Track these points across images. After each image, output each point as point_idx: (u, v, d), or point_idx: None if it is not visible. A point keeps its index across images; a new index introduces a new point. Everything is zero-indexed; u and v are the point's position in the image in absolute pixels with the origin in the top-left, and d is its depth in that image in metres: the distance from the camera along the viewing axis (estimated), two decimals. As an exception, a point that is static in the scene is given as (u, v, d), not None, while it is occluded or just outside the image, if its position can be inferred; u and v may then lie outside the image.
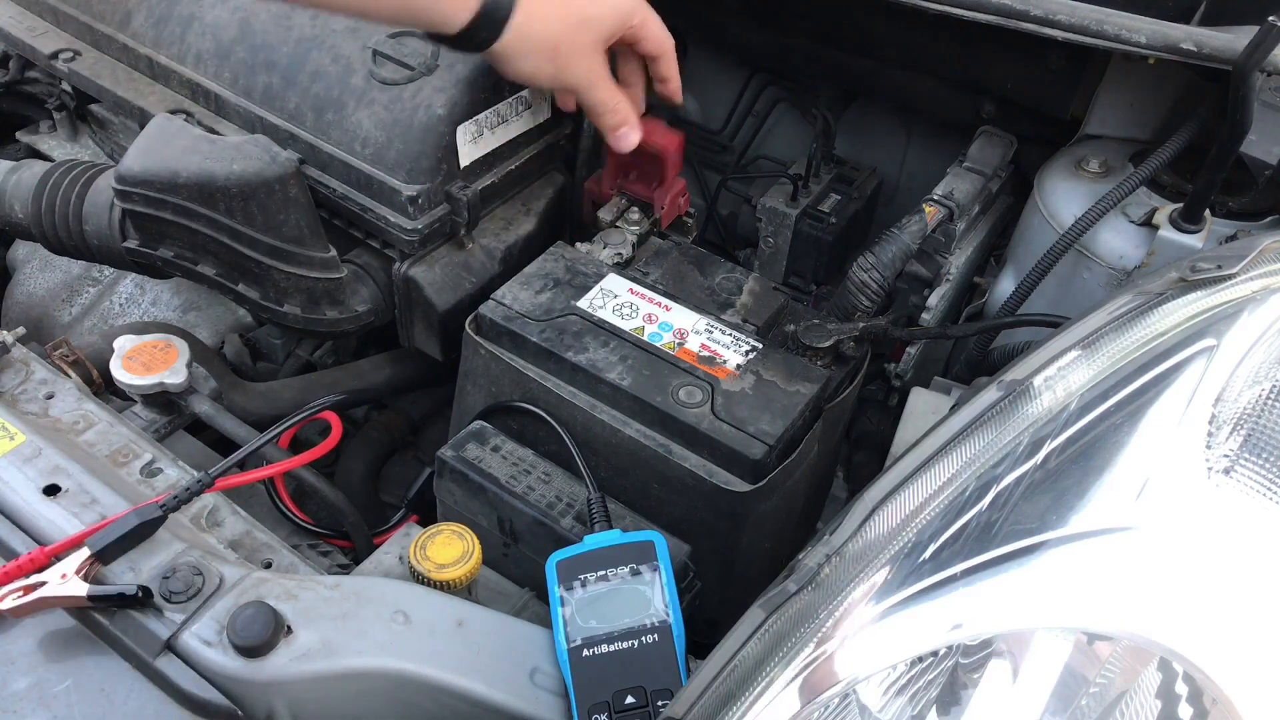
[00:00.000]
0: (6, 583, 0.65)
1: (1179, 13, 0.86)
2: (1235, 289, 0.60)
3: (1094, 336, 0.60)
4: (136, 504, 0.70)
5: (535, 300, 0.86)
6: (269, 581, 0.68)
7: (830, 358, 0.84)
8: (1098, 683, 0.53)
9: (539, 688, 0.68)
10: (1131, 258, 0.88)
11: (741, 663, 0.52)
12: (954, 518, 0.53)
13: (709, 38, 1.23)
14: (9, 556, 0.72)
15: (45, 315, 1.15)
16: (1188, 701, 0.51)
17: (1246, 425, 0.54)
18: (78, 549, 0.67)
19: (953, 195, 0.98)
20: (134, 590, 0.65)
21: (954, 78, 1.05)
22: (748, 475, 0.76)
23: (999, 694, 0.53)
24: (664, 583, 0.71)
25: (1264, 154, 0.85)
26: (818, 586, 0.53)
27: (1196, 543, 0.52)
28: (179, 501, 0.70)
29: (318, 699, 0.65)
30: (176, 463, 0.82)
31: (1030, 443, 0.55)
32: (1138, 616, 0.50)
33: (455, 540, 0.73)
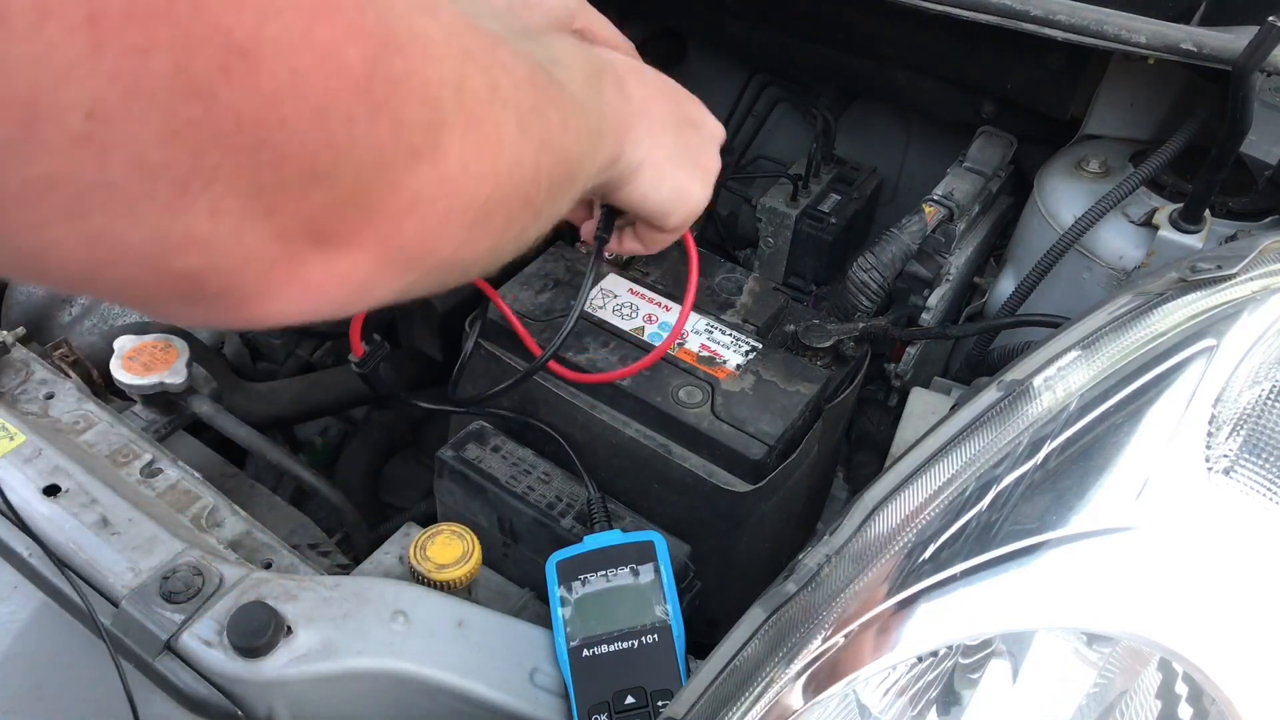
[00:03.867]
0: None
1: (1179, 13, 0.86)
2: (1235, 289, 0.60)
3: (1094, 336, 0.60)
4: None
5: (535, 300, 0.86)
6: (269, 581, 0.68)
7: (830, 358, 0.84)
8: (1098, 683, 0.53)
9: (539, 688, 0.68)
10: (1131, 258, 0.88)
11: (741, 663, 0.52)
12: (954, 518, 0.53)
13: (709, 38, 1.23)
14: (9, 557, 0.72)
15: (45, 315, 1.15)
16: (1188, 701, 0.51)
17: (1246, 425, 0.54)
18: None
19: (953, 195, 0.98)
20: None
21: (954, 78, 1.05)
22: (748, 475, 0.76)
23: (999, 694, 0.54)
24: (664, 583, 0.71)
25: (1264, 154, 0.85)
26: (818, 586, 0.53)
27: (1196, 543, 0.52)
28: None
29: (318, 699, 0.65)
30: (176, 463, 0.82)
31: (1030, 443, 0.55)
32: (1138, 616, 0.50)
33: (455, 540, 0.73)
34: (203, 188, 0.29)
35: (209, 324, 0.35)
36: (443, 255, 0.40)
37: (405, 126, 0.34)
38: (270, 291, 0.34)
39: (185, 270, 0.31)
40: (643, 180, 0.65)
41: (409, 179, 0.35)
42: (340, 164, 0.31)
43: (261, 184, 0.30)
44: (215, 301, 0.33)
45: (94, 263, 0.29)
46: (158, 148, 0.27)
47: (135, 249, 0.29)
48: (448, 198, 0.37)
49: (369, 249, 0.35)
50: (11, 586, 0.75)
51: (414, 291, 0.41)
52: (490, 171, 0.40)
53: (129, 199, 0.28)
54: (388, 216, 0.35)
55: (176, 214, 0.29)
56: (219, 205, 0.29)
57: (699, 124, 0.72)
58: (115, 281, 0.31)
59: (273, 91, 0.28)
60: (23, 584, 0.74)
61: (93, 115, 0.25)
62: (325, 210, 0.32)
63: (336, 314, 0.37)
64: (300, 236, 0.32)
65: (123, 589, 0.68)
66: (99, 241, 0.29)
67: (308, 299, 0.35)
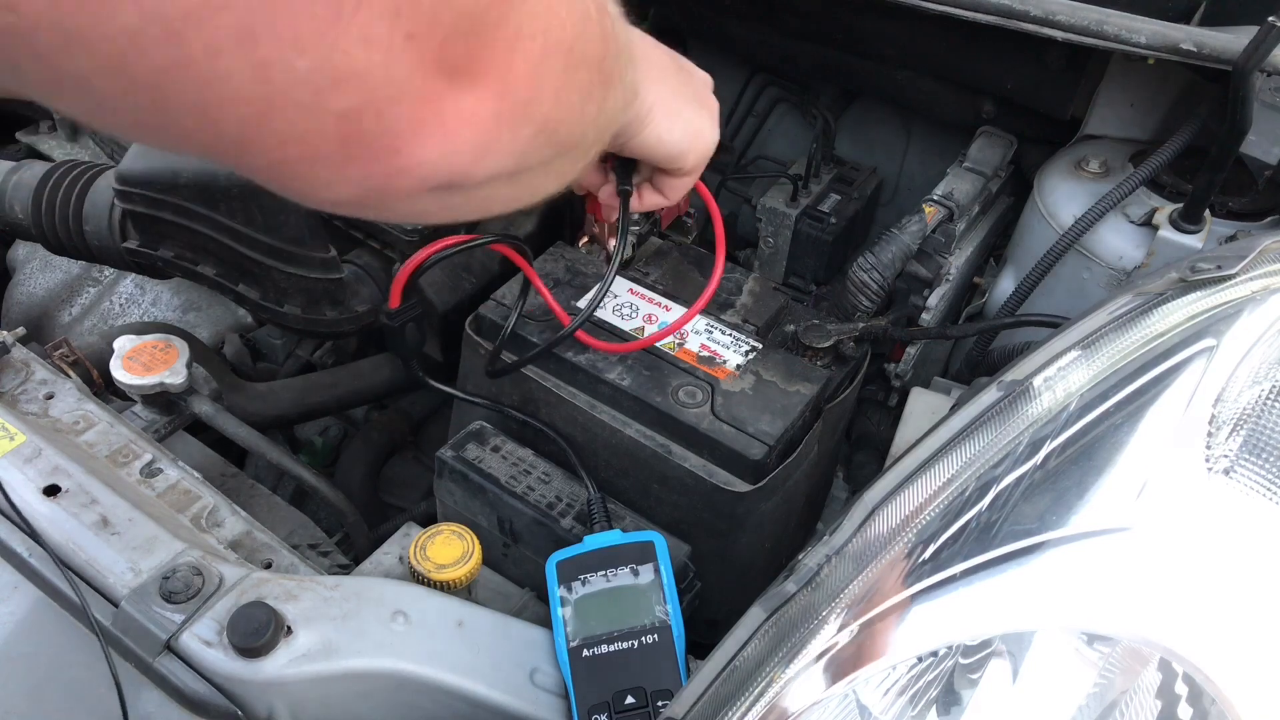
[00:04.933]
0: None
1: (1179, 13, 0.86)
2: (1235, 289, 0.60)
3: (1094, 337, 0.60)
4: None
5: (535, 300, 0.86)
6: (269, 581, 0.68)
7: (830, 358, 0.84)
8: (1098, 683, 0.53)
9: (539, 688, 0.68)
10: (1131, 258, 0.88)
11: (741, 663, 0.52)
12: (954, 518, 0.53)
13: (709, 37, 1.23)
14: (9, 557, 0.72)
15: (45, 315, 1.15)
16: (1188, 701, 0.51)
17: (1246, 425, 0.54)
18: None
19: (953, 195, 0.98)
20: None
21: (954, 78, 1.05)
22: (748, 475, 0.76)
23: (999, 694, 0.53)
24: (664, 583, 0.71)
25: (1264, 154, 0.85)
26: (818, 586, 0.53)
27: (1196, 543, 0.52)
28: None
29: (318, 699, 0.65)
30: (176, 463, 0.82)
31: (1030, 443, 0.55)
32: (1138, 616, 0.50)
33: (455, 540, 0.73)
34: (355, 8, 0.31)
35: (361, 186, 0.36)
36: (546, 103, 0.42)
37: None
38: (419, 132, 0.36)
39: (343, 109, 0.33)
40: (656, 122, 0.66)
41: (511, 10, 0.37)
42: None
43: (399, 5, 0.32)
44: (371, 147, 0.35)
45: (262, 100, 0.31)
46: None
47: (299, 82, 0.31)
48: (543, 34, 0.40)
49: (489, 85, 0.38)
50: (11, 586, 0.75)
51: (527, 159, 0.43)
52: (569, 15, 0.42)
53: (292, 19, 0.30)
54: (500, 49, 0.37)
55: (335, 41, 0.31)
56: (369, 31, 0.31)
57: (691, 71, 0.74)
58: (280, 129, 0.33)
59: None
60: (23, 584, 0.74)
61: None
62: (453, 37, 0.35)
63: (469, 168, 0.39)
64: (435, 68, 0.35)
65: (123, 589, 0.68)
66: (267, 72, 0.30)
67: (447, 141, 0.37)
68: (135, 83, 0.30)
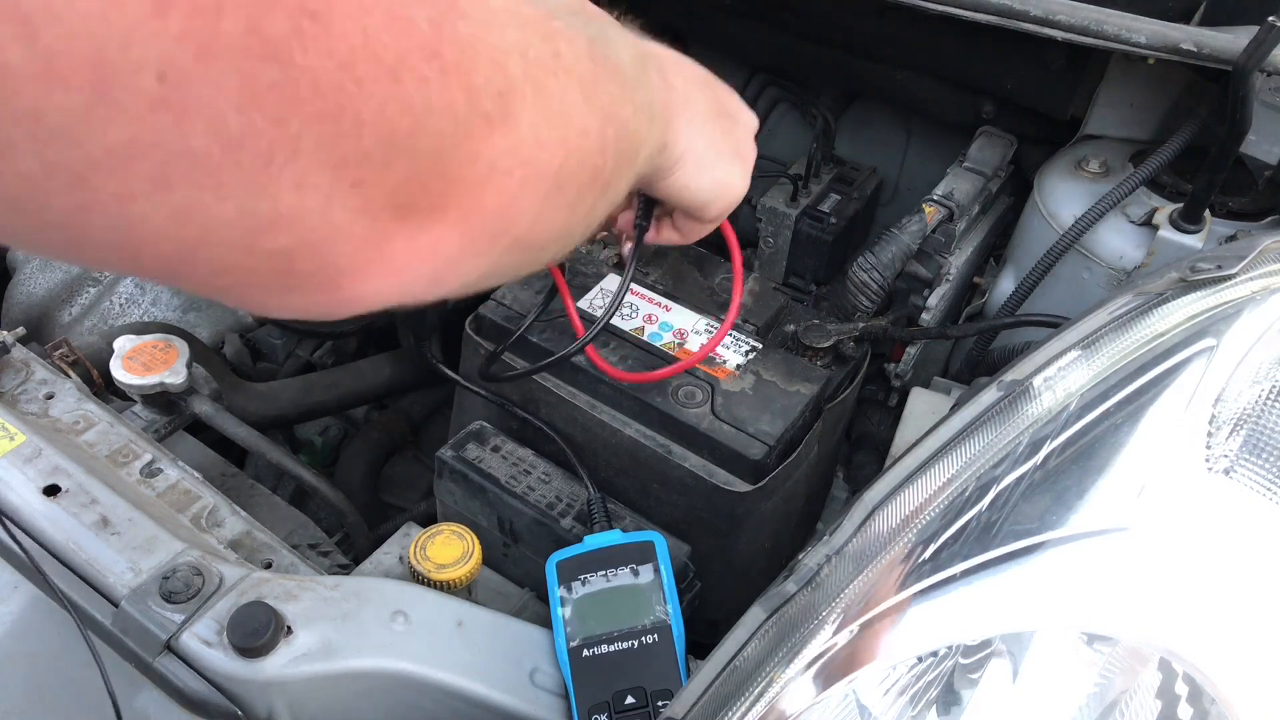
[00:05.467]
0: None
1: (1179, 13, 0.86)
2: (1235, 289, 0.60)
3: (1094, 336, 0.60)
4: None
5: (535, 300, 0.86)
6: (269, 581, 0.68)
7: (830, 358, 0.84)
8: (1098, 683, 0.53)
9: (539, 688, 0.68)
10: (1131, 258, 0.88)
11: (741, 663, 0.52)
12: (954, 518, 0.53)
13: (709, 37, 1.23)
14: (9, 558, 0.72)
15: (45, 315, 1.15)
16: (1188, 701, 0.51)
17: (1246, 425, 0.54)
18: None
19: (953, 195, 0.98)
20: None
21: (954, 78, 1.05)
22: (748, 475, 0.76)
23: (999, 694, 0.53)
24: (664, 583, 0.71)
25: (1264, 154, 0.85)
26: (818, 586, 0.53)
27: (1196, 543, 0.52)
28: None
29: (318, 699, 0.65)
30: (176, 463, 0.82)
31: (1030, 443, 0.55)
32: (1138, 616, 0.50)
33: (455, 540, 0.73)
34: (287, 159, 0.28)
35: (307, 312, 0.34)
36: (520, 229, 0.39)
37: (477, 91, 0.34)
38: (361, 269, 0.34)
39: (277, 249, 0.31)
40: (685, 171, 0.65)
41: (485, 147, 0.35)
42: (418, 131, 0.32)
43: (345, 154, 0.30)
44: (308, 284, 0.33)
45: (184, 242, 0.29)
46: (237, 114, 0.27)
47: (224, 225, 0.29)
48: (522, 167, 0.37)
49: (452, 222, 0.35)
50: (11, 586, 0.75)
51: (496, 273, 0.41)
52: (560, 140, 0.40)
53: (213, 169, 0.27)
54: (468, 187, 0.35)
55: (263, 187, 0.29)
56: (305, 179, 0.29)
57: (735, 114, 0.72)
58: (209, 265, 0.31)
59: (346, 53, 0.28)
60: (23, 584, 0.74)
61: (165, 78, 0.25)
62: (408, 181, 0.32)
63: (424, 294, 0.37)
64: (386, 210, 0.32)
65: (123, 589, 0.67)
66: (187, 216, 0.28)
67: (398, 276, 0.35)
68: (45, 223, 0.28)
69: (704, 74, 0.70)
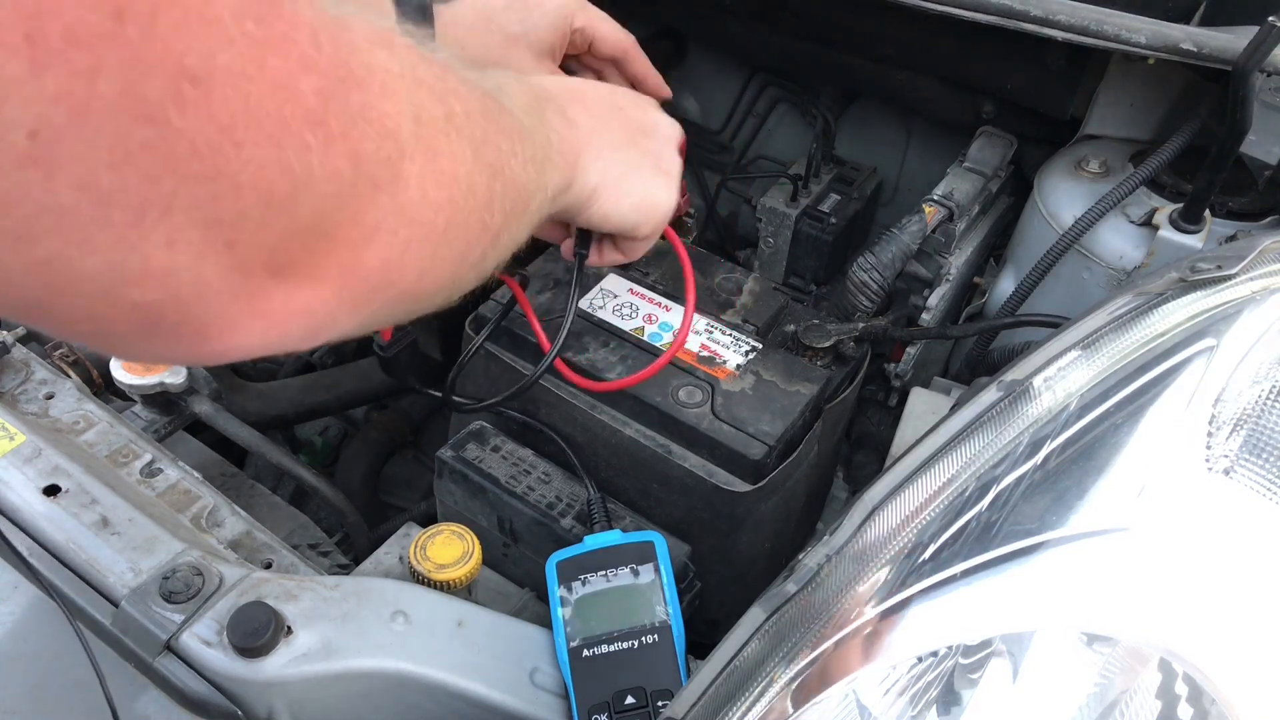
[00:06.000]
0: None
1: (1179, 13, 0.86)
2: (1235, 289, 0.60)
3: (1094, 337, 0.60)
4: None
5: (535, 300, 0.86)
6: (269, 581, 0.68)
7: (830, 358, 0.84)
8: (1098, 683, 0.53)
9: (539, 688, 0.68)
10: (1131, 258, 0.88)
11: (741, 663, 0.52)
12: (954, 518, 0.53)
13: (709, 37, 1.23)
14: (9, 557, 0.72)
15: (45, 315, 1.15)
16: (1188, 701, 0.51)
17: (1246, 425, 0.54)
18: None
19: (953, 195, 0.98)
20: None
21: (954, 78, 1.05)
22: (748, 475, 0.76)
23: (999, 694, 0.53)
24: (664, 583, 0.71)
25: (1264, 154, 0.85)
26: (818, 586, 0.53)
27: (1196, 543, 0.52)
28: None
29: (318, 699, 0.65)
30: (176, 463, 0.82)
31: (1030, 443, 0.55)
32: (1138, 616, 0.50)
33: (455, 540, 0.73)
34: (159, 217, 0.28)
35: (168, 360, 0.34)
36: (404, 285, 0.40)
37: (364, 158, 0.34)
38: (230, 324, 0.33)
39: (141, 302, 0.30)
40: (604, 200, 0.66)
41: (370, 209, 0.35)
42: (299, 194, 0.31)
43: (220, 214, 0.29)
44: (173, 335, 0.32)
45: (44, 290, 0.29)
46: (109, 171, 0.26)
47: (88, 278, 0.29)
48: (408, 227, 0.37)
49: (330, 280, 0.35)
50: (11, 586, 0.75)
51: (376, 322, 0.41)
52: (447, 199, 0.40)
53: (80, 224, 0.27)
54: (349, 247, 0.35)
55: (133, 243, 0.28)
56: (177, 236, 0.29)
57: (652, 130, 0.72)
58: (68, 313, 0.30)
59: (227, 118, 0.28)
60: (23, 584, 0.74)
61: (36, 135, 0.25)
62: (286, 241, 0.32)
63: (298, 346, 0.37)
64: (261, 268, 0.32)
65: (123, 589, 0.68)
66: (49, 269, 0.28)
67: (268, 332, 0.34)
68: None
69: (611, 99, 0.70)
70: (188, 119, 0.27)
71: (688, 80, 1.31)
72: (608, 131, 0.66)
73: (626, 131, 0.69)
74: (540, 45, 0.81)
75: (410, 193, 0.37)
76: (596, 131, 0.65)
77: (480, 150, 0.43)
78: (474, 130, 0.43)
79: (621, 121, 0.69)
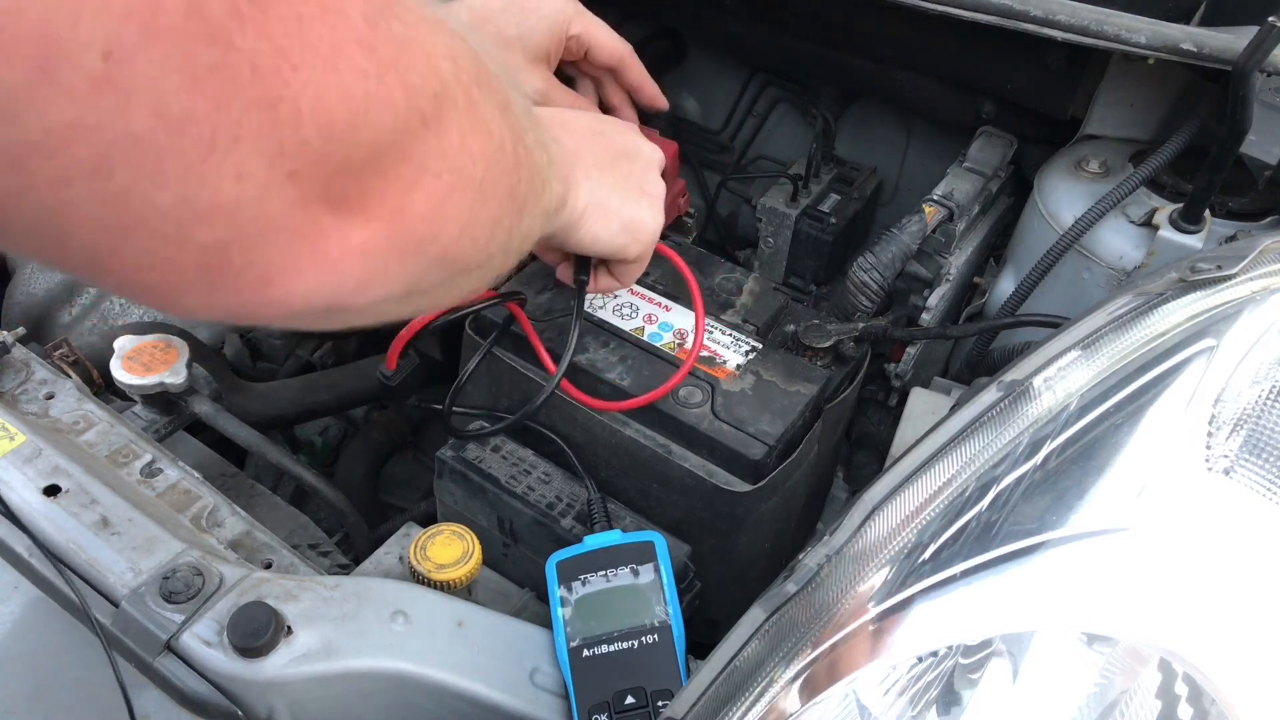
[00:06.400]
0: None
1: (1179, 13, 0.86)
2: (1235, 289, 0.60)
3: (1094, 337, 0.60)
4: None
5: (536, 300, 0.86)
6: (269, 581, 0.68)
7: (830, 358, 0.84)
8: (1098, 683, 0.53)
9: (539, 688, 0.68)
10: (1131, 258, 0.88)
11: (741, 663, 0.52)
12: (954, 518, 0.53)
13: (709, 38, 1.23)
14: (9, 558, 0.72)
15: (45, 315, 1.15)
16: (1188, 701, 0.51)
17: (1246, 425, 0.54)
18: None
19: (953, 195, 0.98)
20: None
21: (954, 78, 1.05)
22: (748, 475, 0.76)
23: (999, 694, 0.53)
24: (664, 583, 0.71)
25: (1264, 154, 0.85)
26: (818, 586, 0.53)
27: (1196, 543, 0.52)
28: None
29: (318, 699, 0.65)
30: (176, 463, 0.82)
31: (1030, 443, 0.55)
32: (1138, 616, 0.50)
33: (455, 540, 0.73)
34: (229, 146, 0.28)
35: (229, 312, 0.33)
36: (447, 238, 0.40)
37: (414, 90, 0.34)
38: (293, 266, 0.33)
39: (209, 242, 0.30)
40: (591, 223, 0.66)
41: (417, 147, 0.35)
42: (357, 123, 0.32)
43: (283, 142, 0.29)
44: (238, 280, 0.32)
45: (116, 229, 0.28)
46: (180, 95, 0.26)
47: (160, 214, 0.28)
48: (450, 173, 0.38)
49: (383, 220, 0.35)
50: (11, 586, 0.75)
51: (421, 284, 0.41)
52: (482, 151, 0.40)
53: (155, 154, 0.27)
54: (399, 186, 0.35)
55: (204, 175, 0.28)
56: (244, 168, 0.29)
57: (634, 153, 0.73)
58: (135, 256, 0.30)
59: (283, 38, 0.28)
60: (23, 584, 0.74)
61: (110, 55, 0.25)
62: (343, 174, 0.32)
63: (351, 299, 0.37)
64: (320, 203, 0.32)
65: (123, 589, 0.68)
66: (123, 203, 0.28)
67: (327, 275, 0.34)
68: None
69: (595, 123, 0.71)
70: (248, 38, 0.27)
71: (688, 80, 1.31)
72: (592, 155, 0.67)
73: (610, 155, 0.70)
74: (536, 49, 0.81)
75: (452, 137, 0.37)
76: (581, 155, 0.66)
77: (505, 111, 0.43)
78: (497, 91, 0.43)
79: (604, 146, 0.70)
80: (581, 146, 0.66)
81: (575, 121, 0.70)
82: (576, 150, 0.65)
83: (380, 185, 0.34)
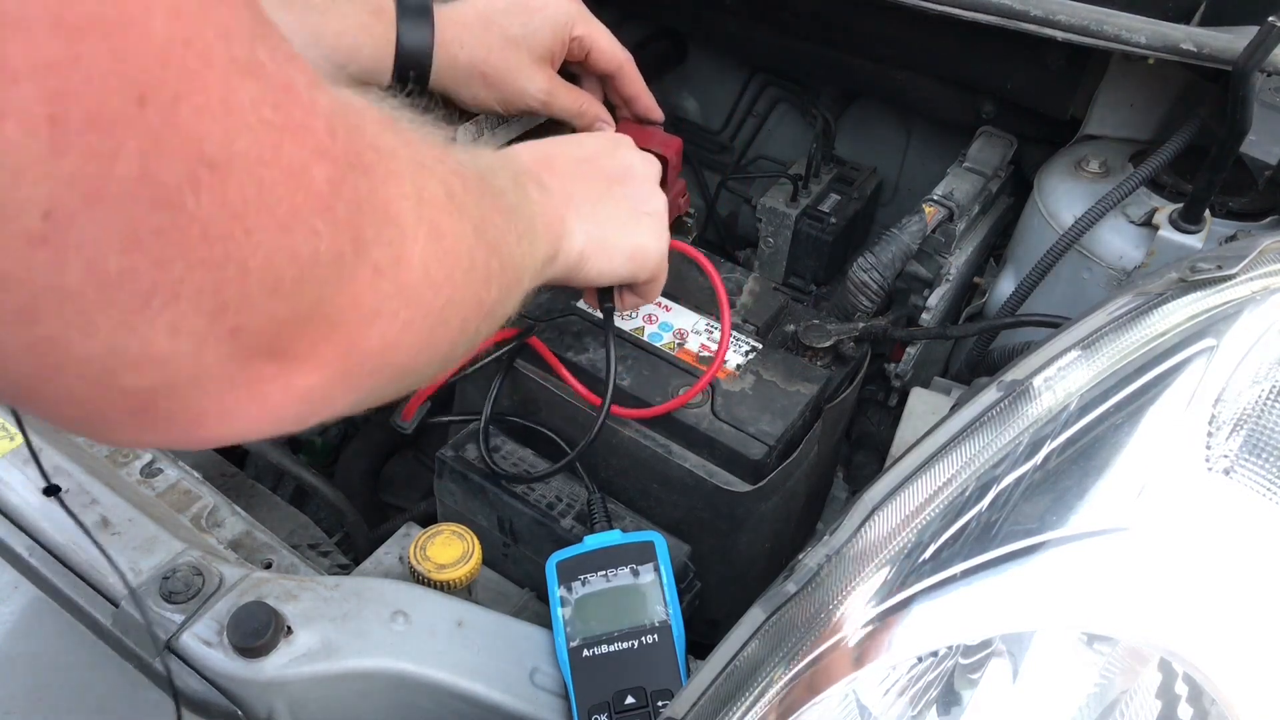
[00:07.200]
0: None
1: (1179, 13, 0.86)
2: (1235, 289, 0.60)
3: (1094, 337, 0.60)
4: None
5: (536, 300, 0.86)
6: (269, 581, 0.68)
7: (830, 358, 0.84)
8: (1098, 683, 0.53)
9: (539, 688, 0.68)
10: (1131, 258, 0.88)
11: (741, 663, 0.52)
12: (954, 518, 0.53)
13: (709, 38, 1.23)
14: (9, 558, 0.72)
15: (45, 315, 1.15)
16: (1188, 701, 0.51)
17: (1246, 425, 0.54)
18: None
19: (953, 195, 0.98)
20: None
21: (954, 78, 1.05)
22: (748, 475, 0.76)
23: (999, 694, 0.53)
24: (664, 583, 0.71)
25: (1264, 154, 0.85)
26: (818, 586, 0.53)
27: (1196, 543, 0.52)
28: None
29: (318, 699, 0.65)
30: (176, 463, 0.82)
31: (1030, 443, 0.55)
32: (1138, 616, 0.50)
33: (455, 540, 0.73)
34: (166, 303, 0.28)
35: (158, 446, 0.34)
36: (400, 363, 0.40)
37: (366, 243, 0.34)
38: (226, 412, 0.33)
39: (135, 388, 0.30)
40: (594, 260, 0.66)
41: (370, 293, 0.35)
42: (304, 279, 0.31)
43: (225, 300, 0.29)
44: (165, 422, 0.32)
45: (38, 371, 0.28)
46: (120, 255, 0.26)
47: (86, 361, 0.28)
48: (408, 308, 0.38)
49: (329, 363, 0.35)
50: (11, 586, 0.75)
51: (371, 400, 0.41)
52: (447, 277, 0.40)
53: (85, 307, 0.26)
54: (349, 330, 0.35)
55: (135, 328, 0.28)
56: (181, 322, 0.28)
57: (627, 174, 0.72)
58: (58, 396, 0.29)
59: (241, 204, 0.28)
60: (23, 584, 0.74)
61: (50, 216, 0.24)
62: (287, 325, 0.32)
63: (291, 430, 0.36)
64: (261, 354, 0.32)
65: (123, 589, 0.67)
66: (47, 350, 0.27)
67: (263, 417, 0.34)
68: None
69: (579, 153, 0.70)
70: (202, 204, 0.27)
71: (688, 80, 1.31)
72: (582, 191, 0.67)
73: (603, 184, 0.69)
74: (539, 50, 0.81)
75: (413, 273, 0.37)
76: (573, 195, 0.65)
77: (480, 228, 0.44)
78: (473, 209, 0.43)
79: (593, 174, 0.69)
80: (571, 186, 0.66)
81: (561, 157, 0.69)
82: (566, 192, 0.65)
83: (327, 332, 0.34)
